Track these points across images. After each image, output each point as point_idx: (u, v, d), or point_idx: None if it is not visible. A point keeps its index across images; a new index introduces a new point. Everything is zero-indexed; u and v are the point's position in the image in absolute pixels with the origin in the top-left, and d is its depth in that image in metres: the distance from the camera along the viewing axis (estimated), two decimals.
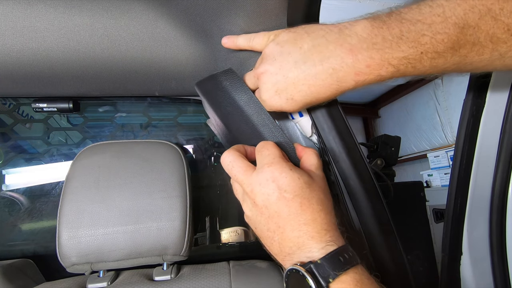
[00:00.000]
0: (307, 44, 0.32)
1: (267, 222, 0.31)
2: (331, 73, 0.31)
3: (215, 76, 0.41)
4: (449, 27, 0.25)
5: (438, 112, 3.12)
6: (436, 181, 2.85)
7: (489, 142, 0.50)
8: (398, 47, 0.27)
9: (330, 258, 0.28)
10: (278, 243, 0.30)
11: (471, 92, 0.50)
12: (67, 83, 0.52)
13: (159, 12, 0.41)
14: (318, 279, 0.26)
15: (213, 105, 0.41)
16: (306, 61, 0.32)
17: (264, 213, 0.31)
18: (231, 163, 0.33)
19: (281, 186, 0.30)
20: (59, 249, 0.47)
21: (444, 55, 0.27)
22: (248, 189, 0.31)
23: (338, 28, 0.31)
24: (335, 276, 0.26)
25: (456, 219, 0.54)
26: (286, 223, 0.30)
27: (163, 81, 0.53)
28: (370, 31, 0.29)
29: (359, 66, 0.29)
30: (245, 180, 0.32)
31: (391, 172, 1.03)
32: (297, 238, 0.29)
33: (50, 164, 0.73)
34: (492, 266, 0.53)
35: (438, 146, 3.19)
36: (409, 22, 0.27)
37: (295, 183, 0.30)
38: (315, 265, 0.27)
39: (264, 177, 0.30)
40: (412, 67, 0.28)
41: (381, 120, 4.14)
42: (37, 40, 0.42)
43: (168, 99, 0.76)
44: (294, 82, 0.33)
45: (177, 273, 0.54)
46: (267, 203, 0.30)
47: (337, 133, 0.40)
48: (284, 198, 0.30)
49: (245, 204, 0.34)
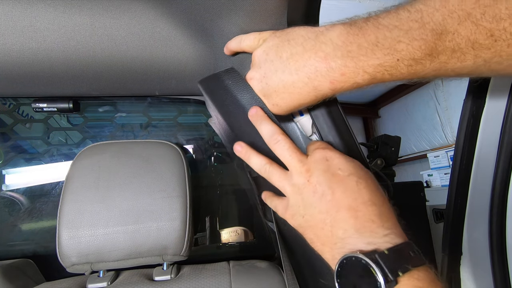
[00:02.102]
0: (285, 53, 0.32)
1: (319, 202, 0.29)
2: (306, 82, 0.31)
3: (218, 75, 0.41)
4: (427, 33, 0.24)
5: (438, 112, 3.12)
6: (436, 181, 2.85)
7: (489, 142, 0.50)
8: (373, 55, 0.27)
9: (399, 250, 0.25)
10: (331, 226, 0.28)
11: (471, 92, 0.50)
12: (67, 83, 0.52)
13: (159, 11, 0.41)
14: (385, 272, 0.23)
15: (215, 103, 0.41)
16: (284, 70, 0.32)
17: (318, 191, 0.30)
18: (286, 145, 0.34)
19: (336, 164, 0.30)
20: (59, 249, 0.47)
21: (422, 62, 0.26)
22: (303, 169, 0.32)
23: (315, 35, 0.31)
24: (405, 270, 0.24)
25: (456, 219, 0.54)
26: (341, 200, 0.28)
27: (163, 81, 0.53)
28: (345, 38, 0.28)
29: (333, 75, 0.29)
30: (301, 160, 0.32)
31: (391, 172, 1.03)
32: (354, 220, 0.27)
33: (50, 164, 0.73)
34: (492, 266, 0.53)
35: (438, 146, 3.19)
36: (385, 28, 0.26)
37: (349, 163, 0.31)
38: (381, 255, 0.24)
39: (319, 156, 0.32)
40: (389, 74, 0.27)
41: (381, 120, 4.14)
42: (37, 40, 0.42)
43: (168, 99, 0.75)
44: (276, 90, 0.34)
45: (177, 273, 0.54)
46: (321, 179, 0.30)
47: (337, 133, 0.40)
48: (339, 175, 0.30)
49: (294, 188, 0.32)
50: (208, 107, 0.45)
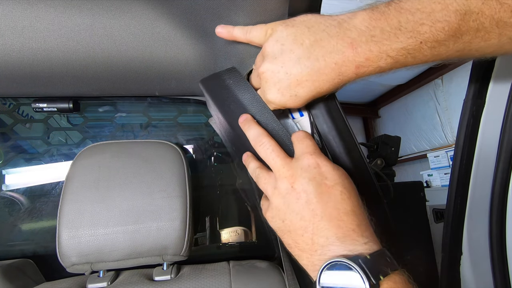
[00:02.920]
0: (308, 39, 0.31)
1: (302, 209, 0.29)
2: (333, 68, 0.30)
3: (219, 74, 0.41)
4: (450, 14, 0.25)
5: (438, 112, 3.12)
6: (436, 181, 2.85)
7: (489, 142, 0.51)
8: (396, 38, 0.27)
9: (379, 255, 0.26)
10: (312, 233, 0.29)
11: (471, 92, 0.50)
12: (67, 83, 0.52)
13: (159, 12, 0.41)
14: (369, 275, 0.25)
15: (216, 103, 0.41)
16: (309, 56, 0.31)
17: (302, 198, 0.30)
18: (270, 148, 0.34)
19: (323, 173, 0.30)
20: (59, 249, 0.47)
21: (446, 43, 0.26)
22: (287, 174, 0.31)
23: (337, 22, 0.31)
24: (386, 274, 0.25)
25: (456, 219, 0.54)
26: (325, 210, 0.28)
27: (163, 81, 0.53)
28: (368, 23, 0.28)
29: (359, 60, 0.29)
30: (286, 164, 0.32)
31: (391, 172, 1.03)
32: (336, 229, 0.28)
33: (50, 164, 0.73)
34: (492, 266, 0.53)
35: (438, 146, 3.19)
36: (407, 12, 0.27)
37: (336, 172, 0.31)
38: (364, 259, 0.25)
39: (306, 163, 0.31)
40: (412, 57, 0.28)
41: (381, 120, 4.14)
42: (37, 40, 0.42)
43: (168, 99, 0.75)
44: (298, 79, 0.32)
45: (177, 273, 0.54)
46: (306, 188, 0.30)
47: (337, 133, 0.40)
48: (325, 184, 0.30)
49: (276, 192, 0.32)
50: (209, 107, 0.45)
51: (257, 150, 0.35)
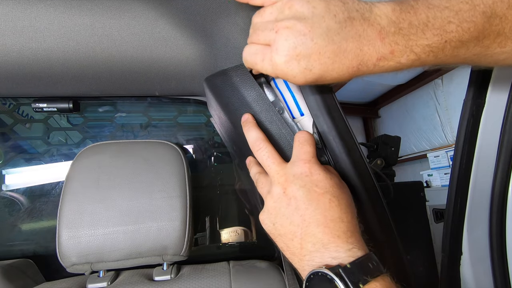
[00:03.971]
0: (342, 14, 0.27)
1: (292, 215, 0.31)
2: (358, 54, 0.28)
3: (225, 71, 0.41)
4: (477, 15, 0.24)
5: (438, 112, 3.12)
6: (436, 181, 2.85)
7: (489, 142, 0.51)
8: (423, 34, 0.26)
9: (360, 263, 0.27)
10: (300, 238, 0.30)
11: (471, 92, 0.50)
12: (67, 83, 0.52)
13: (159, 12, 0.41)
14: (348, 284, 0.26)
15: (220, 101, 0.41)
16: (339, 32, 0.27)
17: (292, 204, 0.31)
18: (266, 154, 0.35)
19: (314, 180, 0.31)
20: (59, 249, 0.47)
21: (467, 44, 0.26)
22: (281, 179, 0.33)
23: (369, 6, 0.28)
24: (365, 282, 0.26)
25: (456, 219, 0.54)
26: (313, 217, 0.30)
27: (163, 81, 0.53)
28: (398, 14, 0.27)
29: (383, 51, 0.27)
30: (280, 170, 0.33)
31: (391, 172, 1.03)
32: (322, 235, 0.29)
33: (50, 164, 0.73)
34: (492, 266, 0.53)
35: (438, 146, 3.19)
36: (436, 8, 0.26)
37: (327, 181, 0.32)
38: (344, 269, 0.26)
39: (299, 170, 0.32)
40: (434, 56, 0.27)
41: (381, 120, 4.14)
42: (37, 40, 0.42)
43: (168, 99, 0.75)
44: (321, 52, 0.28)
45: (177, 273, 0.54)
46: (297, 194, 0.31)
47: (337, 133, 0.40)
48: (315, 192, 0.31)
49: (269, 196, 0.34)
50: (210, 106, 0.45)
51: (255, 155, 0.36)
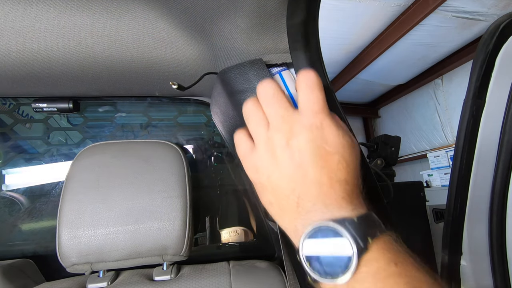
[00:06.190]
0: None
1: (293, 170, 0.27)
2: None
3: (242, 64, 0.42)
4: None
5: (438, 112, 3.13)
6: (436, 181, 2.85)
7: (489, 142, 0.51)
8: None
9: (366, 218, 0.25)
10: (298, 196, 0.27)
11: (471, 92, 0.50)
12: (67, 83, 0.52)
13: (159, 12, 0.41)
14: (356, 238, 0.23)
15: (231, 95, 0.40)
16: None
17: (295, 158, 0.27)
18: (275, 92, 0.29)
19: (325, 136, 0.27)
20: (59, 249, 0.47)
21: None
22: (285, 127, 0.28)
23: None
24: (374, 236, 0.24)
25: (456, 219, 0.54)
26: (317, 176, 0.26)
27: (163, 81, 0.53)
28: None
29: None
30: (288, 116, 0.28)
31: (391, 172, 1.03)
32: (325, 195, 0.26)
33: (50, 164, 0.73)
34: (492, 266, 0.53)
35: (438, 146, 3.19)
36: None
37: (339, 139, 0.28)
38: (350, 222, 0.24)
39: (309, 121, 0.28)
40: None
41: (381, 120, 4.14)
42: (37, 40, 0.42)
43: (168, 99, 0.76)
44: None
45: (177, 273, 0.54)
46: (303, 147, 0.27)
47: None
48: (324, 149, 0.27)
49: (268, 142, 0.29)
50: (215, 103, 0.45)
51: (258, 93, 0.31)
